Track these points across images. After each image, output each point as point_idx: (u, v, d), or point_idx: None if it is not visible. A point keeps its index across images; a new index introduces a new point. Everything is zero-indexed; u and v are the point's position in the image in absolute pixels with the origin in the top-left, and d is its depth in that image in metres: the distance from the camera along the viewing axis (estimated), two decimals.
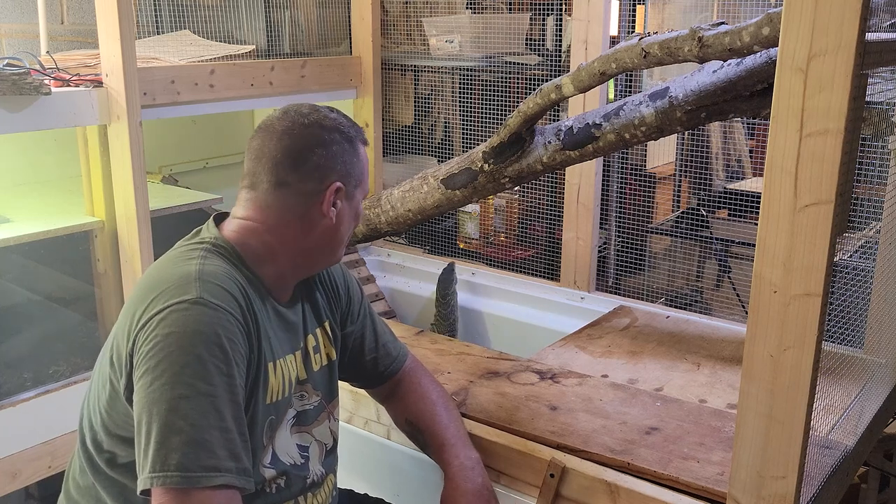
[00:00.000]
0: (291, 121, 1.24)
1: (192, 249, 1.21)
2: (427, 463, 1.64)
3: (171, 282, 1.13)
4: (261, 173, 1.24)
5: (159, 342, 1.08)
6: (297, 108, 1.27)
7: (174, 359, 1.07)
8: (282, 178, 1.23)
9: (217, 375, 1.08)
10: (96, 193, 2.17)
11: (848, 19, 1.00)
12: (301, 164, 1.23)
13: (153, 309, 1.10)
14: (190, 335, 1.08)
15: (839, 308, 1.63)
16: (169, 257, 1.22)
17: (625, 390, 1.74)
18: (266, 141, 1.24)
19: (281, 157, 1.22)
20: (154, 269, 1.21)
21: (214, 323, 1.10)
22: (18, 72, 1.82)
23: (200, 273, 1.14)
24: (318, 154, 1.23)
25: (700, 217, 2.55)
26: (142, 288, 1.16)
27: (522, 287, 2.54)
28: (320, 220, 1.26)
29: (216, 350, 1.09)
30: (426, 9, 2.85)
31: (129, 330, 1.12)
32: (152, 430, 1.05)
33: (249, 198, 1.25)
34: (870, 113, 1.10)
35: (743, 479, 1.21)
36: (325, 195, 1.24)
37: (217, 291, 1.13)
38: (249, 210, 1.25)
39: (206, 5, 2.55)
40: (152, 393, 1.06)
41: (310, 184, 1.24)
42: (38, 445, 2.02)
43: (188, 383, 1.06)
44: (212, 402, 1.07)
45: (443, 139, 2.96)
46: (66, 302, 2.26)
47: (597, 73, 1.66)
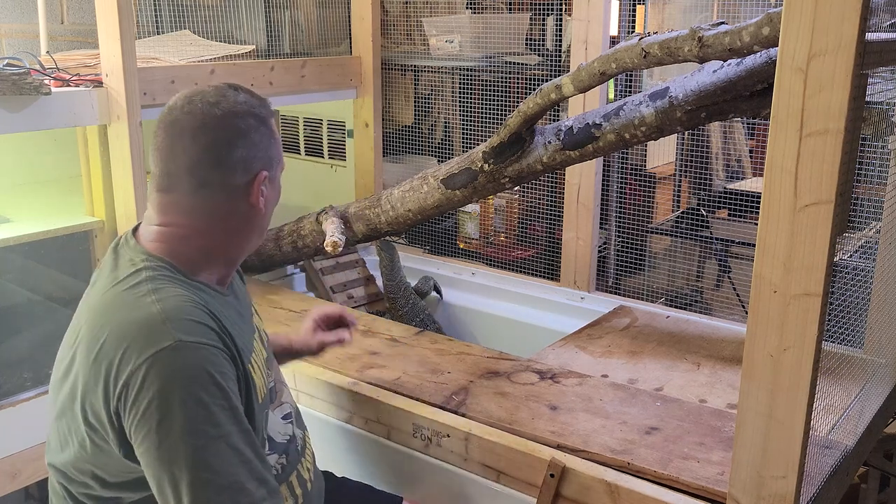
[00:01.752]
0: (202, 113, 1.14)
1: (135, 284, 1.11)
2: (427, 462, 1.64)
3: (138, 329, 1.05)
4: (178, 175, 1.15)
5: (153, 399, 1.02)
6: (201, 95, 1.16)
7: (176, 412, 1.01)
8: (204, 178, 1.14)
9: (221, 413, 1.04)
10: (96, 193, 2.17)
11: (848, 19, 1.00)
12: (223, 161, 1.14)
13: (130, 363, 1.03)
14: (183, 383, 1.02)
15: (839, 308, 1.63)
16: (116, 298, 1.11)
17: (625, 390, 1.74)
18: (177, 139, 1.14)
19: (199, 156, 1.13)
20: (105, 314, 1.10)
21: (202, 363, 1.05)
22: (18, 72, 1.82)
23: (164, 311, 1.06)
24: (238, 147, 1.15)
25: (700, 217, 2.55)
26: (103, 339, 1.07)
27: (522, 287, 2.54)
28: (249, 211, 1.19)
29: (213, 389, 1.04)
30: (426, 9, 2.85)
31: (106, 389, 1.05)
32: (180, 490, 1.01)
33: (168, 202, 1.16)
34: (870, 113, 1.10)
35: (743, 479, 1.21)
36: (252, 187, 1.17)
37: (190, 326, 1.06)
38: (171, 215, 1.16)
39: (206, 5, 2.55)
40: (166, 452, 1.02)
41: (234, 179, 1.16)
42: (38, 445, 2.02)
43: (199, 432, 1.02)
44: (227, 442, 1.04)
45: (443, 139, 2.96)
46: (66, 302, 2.25)
47: (597, 73, 1.66)
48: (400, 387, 1.75)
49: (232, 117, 1.15)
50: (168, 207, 1.17)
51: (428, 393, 1.72)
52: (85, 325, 1.11)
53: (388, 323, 2.19)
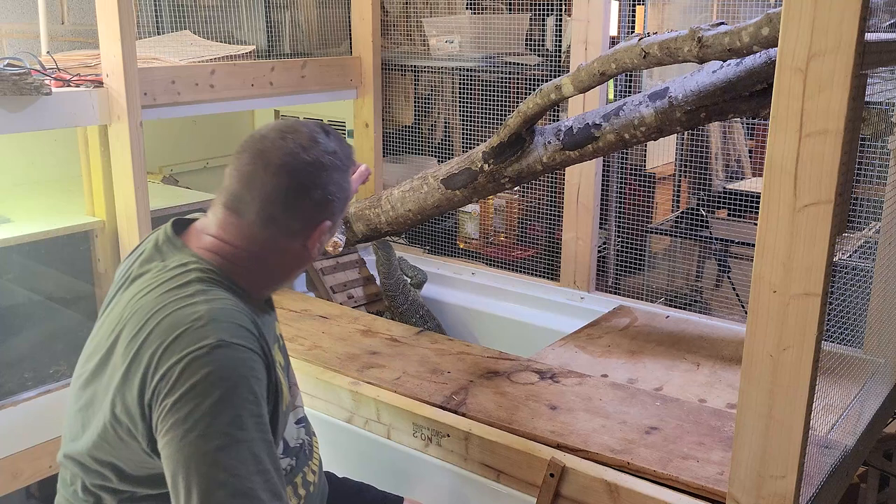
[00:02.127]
0: (290, 155, 1.16)
1: (183, 284, 1.13)
2: (427, 462, 1.64)
3: (182, 327, 1.07)
4: (249, 203, 1.17)
5: (186, 393, 1.03)
6: (294, 134, 1.18)
7: (205, 409, 1.02)
8: (272, 215, 1.17)
9: (249, 418, 1.05)
10: (97, 193, 2.17)
11: (847, 19, 1.00)
12: (295, 206, 1.17)
13: (170, 359, 1.05)
14: (217, 382, 1.04)
15: (839, 308, 1.63)
16: (163, 296, 1.12)
17: (624, 390, 1.74)
18: (260, 170, 1.16)
19: (275, 195, 1.16)
20: (151, 311, 1.11)
21: (239, 365, 1.06)
22: (19, 72, 1.83)
23: (210, 312, 1.09)
24: (313, 196, 1.18)
25: (700, 217, 2.55)
26: (146, 333, 1.09)
27: (522, 287, 2.54)
28: (302, 252, 1.22)
29: (246, 393, 1.05)
30: (426, 9, 2.85)
31: (143, 380, 1.06)
32: (192, 486, 1.01)
33: (232, 222, 1.18)
34: (869, 113, 1.10)
35: (742, 479, 1.22)
36: (314, 234, 1.21)
37: (233, 329, 1.08)
38: (231, 234, 1.19)
39: (206, 5, 2.55)
40: (187, 447, 1.02)
41: (300, 224, 1.19)
42: (38, 445, 2.02)
43: (223, 433, 1.02)
44: (249, 448, 1.04)
45: (443, 139, 2.96)
46: (67, 302, 2.26)
47: (596, 74, 1.67)
48: (400, 387, 1.75)
49: (317, 168, 1.18)
50: (229, 227, 1.19)
51: (428, 393, 1.72)
52: (130, 321, 1.12)
53: (388, 323, 2.19)
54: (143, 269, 1.20)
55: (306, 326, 2.10)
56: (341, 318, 2.19)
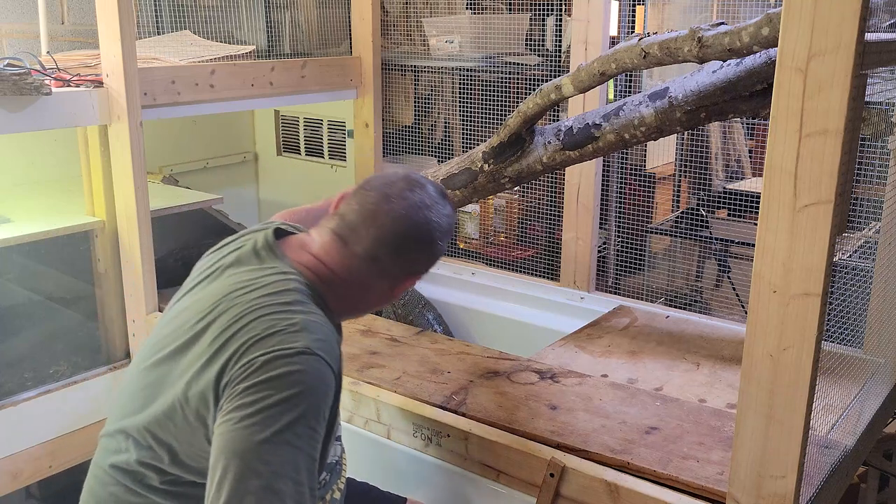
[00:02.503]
0: (415, 208, 1.25)
1: (283, 291, 1.18)
2: (427, 462, 1.64)
3: (276, 328, 1.11)
4: (361, 238, 1.24)
5: (258, 384, 1.06)
6: (421, 190, 1.27)
7: (271, 403, 1.05)
8: (379, 256, 1.25)
9: (305, 429, 1.07)
10: (97, 193, 2.17)
11: (847, 19, 1.00)
12: (402, 254, 1.26)
13: (256, 351, 1.09)
14: (292, 383, 1.07)
15: (839, 308, 1.63)
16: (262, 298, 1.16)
17: (624, 390, 1.74)
18: (383, 212, 1.24)
19: (389, 239, 1.24)
20: (249, 308, 1.15)
21: (317, 376, 1.09)
22: (19, 72, 1.83)
23: (305, 322, 1.13)
24: (420, 253, 1.28)
25: (700, 217, 2.55)
26: (240, 326, 1.13)
27: (522, 287, 2.54)
28: (387, 294, 1.31)
29: (313, 404, 1.08)
30: (426, 9, 2.85)
31: (224, 366, 1.10)
32: (230, 468, 1.03)
33: (338, 249, 1.25)
34: (869, 113, 1.10)
35: (742, 479, 1.22)
36: (404, 283, 1.30)
37: (322, 343, 1.13)
38: (332, 260, 1.25)
39: (206, 5, 2.55)
40: (240, 430, 1.04)
41: (398, 270, 1.28)
42: (38, 445, 2.02)
43: (278, 431, 1.04)
44: (294, 454, 1.05)
45: (443, 139, 2.96)
46: (67, 302, 2.26)
47: (596, 74, 1.67)
48: (400, 387, 1.75)
49: (432, 228, 1.28)
50: (334, 253, 1.26)
51: (428, 393, 1.72)
52: (224, 314, 1.15)
53: (388, 323, 2.19)
54: (238, 266, 1.25)
55: None
56: None
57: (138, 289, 2.16)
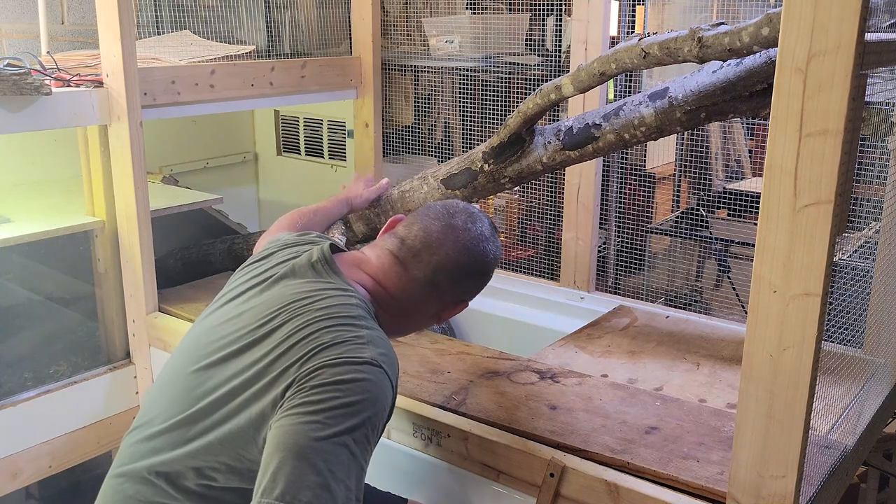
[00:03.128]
0: (476, 240, 1.35)
1: (348, 304, 1.21)
2: (427, 462, 1.64)
3: (345, 339, 1.14)
4: (421, 263, 1.31)
5: (326, 385, 1.08)
6: (481, 224, 1.37)
7: (335, 405, 1.06)
8: (436, 281, 1.32)
9: (363, 438, 1.08)
10: (97, 193, 2.17)
11: (847, 19, 1.00)
12: (459, 282, 1.35)
13: (325, 356, 1.11)
14: (357, 390, 1.08)
15: (839, 308, 1.63)
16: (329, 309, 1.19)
17: (624, 390, 1.74)
18: (449, 242, 1.33)
19: (449, 267, 1.32)
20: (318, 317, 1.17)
21: (381, 389, 1.12)
22: (19, 72, 1.83)
23: (370, 336, 1.17)
24: (474, 281, 1.38)
25: (700, 217, 2.55)
26: (310, 332, 1.15)
27: (522, 287, 2.54)
28: (435, 318, 1.39)
29: (373, 415, 1.10)
30: (426, 9, 2.85)
31: (288, 368, 1.11)
32: (290, 458, 1.03)
33: (397, 271, 1.32)
34: (869, 113, 1.10)
35: (742, 479, 1.22)
36: (455, 308, 1.38)
37: (387, 359, 1.16)
38: (391, 281, 1.31)
39: (206, 5, 2.55)
40: (302, 426, 1.05)
41: (452, 297, 1.36)
42: (38, 445, 2.02)
43: (338, 432, 1.05)
44: (349, 460, 1.06)
45: (443, 139, 2.96)
46: (67, 302, 2.26)
47: (596, 74, 1.67)
48: (400, 387, 1.75)
49: (488, 259, 1.39)
50: (392, 275, 1.32)
51: (428, 393, 1.72)
52: (290, 322, 1.17)
53: None
54: (293, 277, 1.27)
55: None
56: None
57: (138, 289, 2.16)
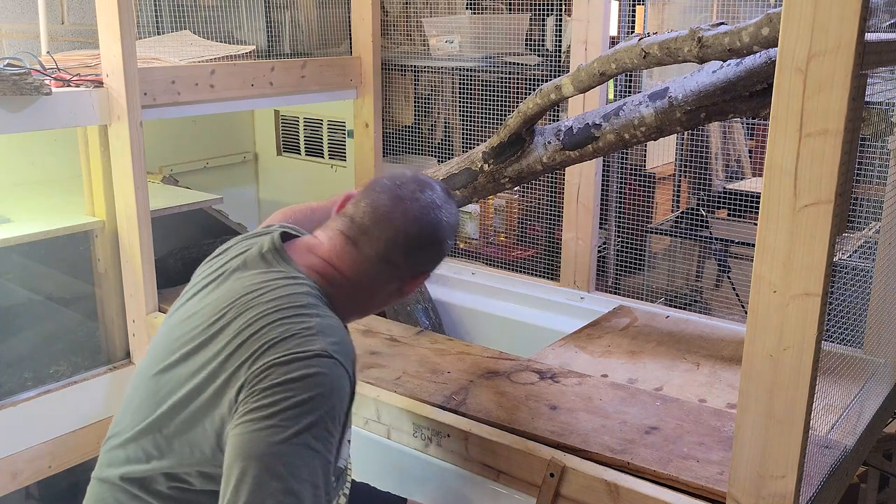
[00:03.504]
0: (427, 209, 1.27)
1: (296, 294, 1.17)
2: (427, 462, 1.64)
3: (293, 331, 1.11)
4: (372, 240, 1.25)
5: (277, 385, 1.05)
6: (431, 191, 1.29)
7: (289, 405, 1.04)
8: (390, 257, 1.26)
9: (323, 432, 1.06)
10: (97, 193, 2.17)
11: (847, 19, 1.00)
12: (413, 254, 1.28)
13: (273, 353, 1.08)
14: (310, 386, 1.06)
15: (839, 308, 1.63)
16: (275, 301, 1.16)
17: (624, 390, 1.74)
18: (397, 215, 1.25)
19: (400, 240, 1.25)
20: (264, 311, 1.14)
21: (334, 380, 1.09)
22: (19, 72, 1.83)
23: (320, 325, 1.13)
24: (430, 252, 1.30)
25: (700, 217, 2.55)
26: (256, 329, 1.12)
27: (522, 287, 2.54)
28: (397, 293, 1.32)
29: (329, 408, 1.08)
30: (426, 9, 2.85)
31: (239, 368, 1.09)
32: (249, 470, 1.02)
33: (348, 251, 1.26)
34: (869, 113, 1.10)
35: (742, 479, 1.22)
36: (413, 283, 1.31)
37: (339, 346, 1.13)
38: (344, 262, 1.26)
39: (206, 5, 2.55)
40: (258, 432, 1.03)
41: (410, 270, 1.29)
42: (38, 445, 2.02)
43: (297, 433, 1.04)
44: (312, 457, 1.05)
45: (443, 139, 2.96)
46: (67, 302, 2.26)
47: (596, 74, 1.67)
48: (400, 387, 1.75)
49: (443, 226, 1.30)
50: (344, 256, 1.26)
51: (428, 393, 1.72)
52: (238, 318, 1.14)
53: (389, 323, 2.19)
54: (244, 270, 1.24)
55: None
56: None
57: (138, 289, 2.16)
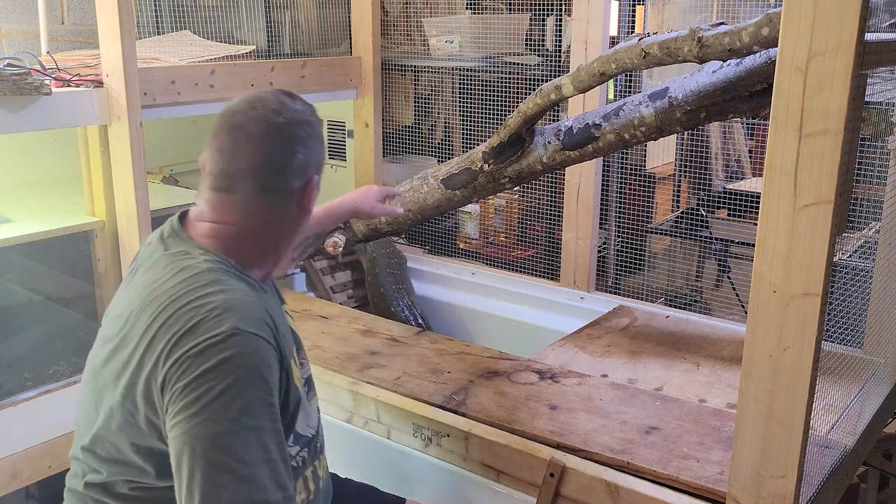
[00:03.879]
0: (266, 122, 1.20)
1: (197, 274, 1.14)
2: (427, 462, 1.64)
3: (200, 314, 1.08)
4: (240, 178, 1.19)
5: (199, 377, 1.04)
6: (264, 102, 1.21)
7: (216, 393, 1.03)
8: (266, 183, 1.20)
9: (260, 407, 1.05)
10: (97, 193, 2.17)
11: (847, 19, 1.00)
12: (285, 168, 1.20)
13: (187, 344, 1.06)
14: (230, 368, 1.04)
15: (839, 308, 1.63)
16: (177, 286, 1.13)
17: (624, 390, 1.74)
18: (242, 144, 1.19)
19: (264, 162, 1.19)
20: (167, 299, 1.12)
21: (253, 354, 1.07)
22: (19, 72, 1.82)
23: (227, 301, 1.10)
24: (298, 154, 1.21)
25: (700, 217, 2.55)
26: (163, 320, 1.10)
27: (522, 287, 2.54)
28: (300, 213, 1.26)
29: (259, 382, 1.06)
30: (426, 9, 2.85)
31: (156, 364, 1.07)
32: (196, 468, 1.01)
33: (226, 202, 1.20)
34: (869, 113, 1.10)
35: (742, 479, 1.22)
36: (305, 192, 1.24)
37: (249, 319, 1.10)
38: (227, 215, 1.20)
39: (206, 5, 2.55)
40: (195, 429, 1.02)
41: (293, 184, 1.22)
42: (38, 445, 2.02)
43: (233, 418, 1.03)
44: (257, 436, 1.04)
45: (443, 139, 2.96)
46: (67, 302, 2.25)
47: (596, 74, 1.67)
48: (400, 387, 1.75)
49: (294, 125, 1.22)
50: (225, 207, 1.21)
51: (428, 393, 1.72)
52: (145, 312, 1.13)
53: (389, 323, 2.19)
54: (148, 260, 1.22)
55: (306, 326, 2.11)
56: (341, 318, 2.19)
57: None
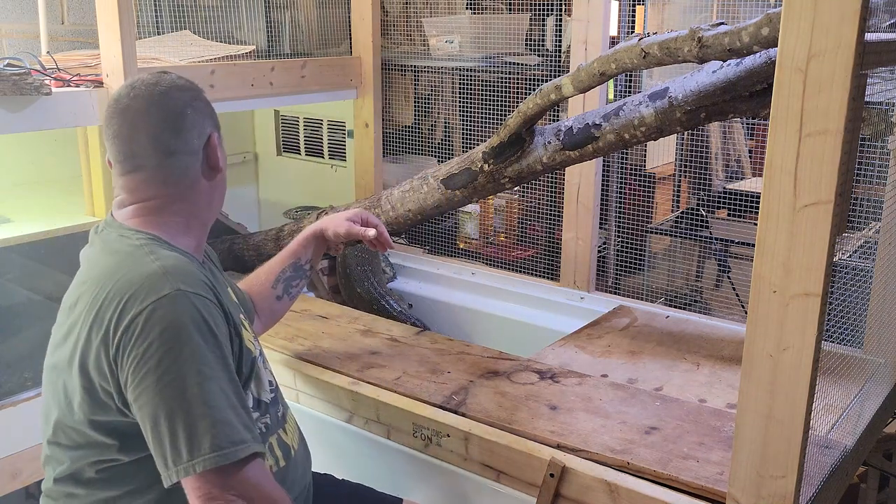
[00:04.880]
0: (148, 93, 1.24)
1: (132, 248, 1.20)
2: (427, 462, 1.64)
3: (139, 282, 1.13)
4: (142, 153, 1.23)
5: (154, 341, 1.09)
6: (141, 80, 1.26)
7: (176, 353, 1.09)
8: (168, 147, 1.23)
9: (214, 359, 1.12)
10: (96, 193, 2.17)
11: (847, 19, 1.00)
12: (180, 127, 1.24)
13: (131, 311, 1.11)
14: (181, 327, 1.10)
15: (839, 308, 1.63)
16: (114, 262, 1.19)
17: (624, 390, 1.74)
18: (134, 121, 1.23)
19: (158, 129, 1.23)
20: (106, 276, 1.17)
21: (200, 310, 1.13)
22: (19, 72, 1.83)
23: (163, 267, 1.16)
24: (188, 114, 1.25)
25: (700, 217, 2.55)
26: (104, 295, 1.15)
27: (522, 287, 2.54)
28: (212, 172, 1.30)
29: (208, 336, 1.13)
30: (426, 9, 2.85)
31: (106, 337, 1.12)
32: (176, 422, 1.08)
33: (139, 180, 1.24)
34: (869, 113, 1.10)
35: (742, 479, 1.22)
36: (209, 149, 1.28)
37: (188, 279, 1.15)
38: (143, 192, 1.25)
39: (206, 5, 2.55)
40: (164, 389, 1.08)
41: (194, 141, 1.26)
42: (38, 445, 2.02)
43: (196, 371, 1.09)
44: (218, 385, 1.11)
45: (443, 139, 2.96)
46: None
47: (596, 74, 1.67)
48: (400, 387, 1.75)
49: (174, 90, 1.26)
50: (140, 186, 1.25)
51: (428, 393, 1.72)
52: (85, 293, 1.18)
53: (389, 323, 2.19)
54: (86, 252, 1.30)
55: (306, 326, 2.11)
56: (341, 318, 2.19)
57: None
